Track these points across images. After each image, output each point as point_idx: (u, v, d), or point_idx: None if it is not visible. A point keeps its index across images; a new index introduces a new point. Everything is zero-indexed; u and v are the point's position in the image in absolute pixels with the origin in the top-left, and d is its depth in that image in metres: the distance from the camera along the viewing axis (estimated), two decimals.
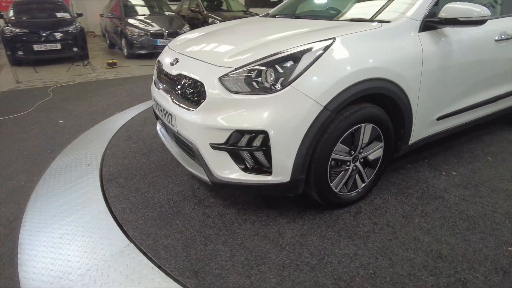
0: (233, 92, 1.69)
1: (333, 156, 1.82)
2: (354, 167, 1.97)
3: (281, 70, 1.64)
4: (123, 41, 7.79)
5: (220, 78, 1.72)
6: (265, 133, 1.63)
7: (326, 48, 1.69)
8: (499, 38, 2.35)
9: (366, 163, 2.03)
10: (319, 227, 1.88)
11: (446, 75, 2.12)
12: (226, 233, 1.84)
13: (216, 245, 1.75)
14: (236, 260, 1.65)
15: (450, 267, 1.60)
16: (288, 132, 1.64)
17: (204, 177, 1.89)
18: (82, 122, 3.61)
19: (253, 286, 1.50)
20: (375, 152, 2.02)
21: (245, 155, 1.74)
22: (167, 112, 2.05)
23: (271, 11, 3.22)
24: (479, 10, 1.88)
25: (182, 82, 1.96)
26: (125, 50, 7.76)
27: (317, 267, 1.60)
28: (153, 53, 7.56)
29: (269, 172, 1.73)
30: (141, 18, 7.89)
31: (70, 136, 3.23)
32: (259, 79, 1.66)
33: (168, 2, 9.80)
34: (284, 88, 1.62)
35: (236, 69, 1.70)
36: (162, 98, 2.14)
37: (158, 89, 2.28)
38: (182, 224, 1.92)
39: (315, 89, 1.64)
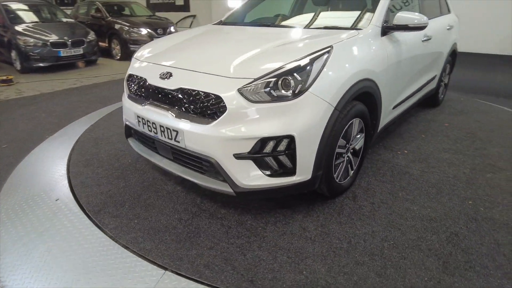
0: (253, 102, 1.75)
1: (337, 150, 2.05)
2: (348, 157, 2.24)
3: (299, 78, 1.77)
4: (13, 53, 6.62)
5: (239, 90, 1.76)
6: (290, 137, 1.75)
7: (329, 55, 1.89)
8: (424, 39, 2.94)
9: (354, 152, 2.33)
10: (332, 216, 2.08)
11: (398, 69, 2.57)
12: (256, 238, 1.89)
13: (254, 252, 1.79)
14: (280, 261, 1.73)
15: (441, 225, 1.99)
16: (310, 134, 1.80)
17: (225, 188, 1.89)
18: (8, 153, 3.04)
19: (309, 279, 1.61)
20: (359, 142, 2.33)
21: (270, 160, 1.82)
22: (167, 128, 1.96)
23: (224, 18, 3.28)
24: (422, 18, 2.34)
25: (186, 96, 1.91)
26: (18, 63, 6.62)
27: (350, 249, 1.81)
28: (56, 66, 6.67)
29: (292, 173, 1.85)
30: (33, 25, 6.83)
31: (7, 169, 2.71)
32: (279, 87, 1.76)
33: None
34: (303, 94, 1.76)
35: (255, 79, 1.76)
36: (156, 114, 2.04)
37: (143, 105, 2.14)
38: (208, 239, 1.89)
39: (327, 92, 1.83)
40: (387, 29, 2.40)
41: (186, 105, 1.92)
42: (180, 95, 1.94)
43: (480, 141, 3.13)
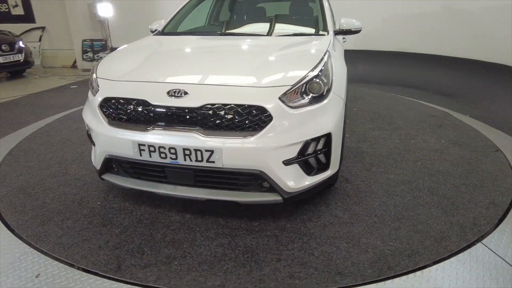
0: (293, 108, 1.81)
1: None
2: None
3: (325, 80, 1.93)
4: None
5: (280, 98, 1.78)
6: (328, 135, 1.90)
7: (330, 57, 2.12)
8: (344, 40, 3.54)
9: None
10: (345, 199, 2.34)
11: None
12: (307, 237, 1.96)
13: (317, 249, 1.86)
14: (344, 248, 1.87)
15: (418, 184, 2.54)
16: (339, 129, 2.00)
17: (271, 198, 1.89)
18: None
19: (377, 254, 1.82)
20: None
21: (312, 160, 1.92)
22: (196, 150, 1.78)
23: (161, 28, 3.03)
24: (359, 23, 2.85)
25: (215, 112, 1.78)
26: None
27: (381, 219, 2.11)
28: None
29: (326, 168, 2.01)
30: None
31: None
32: (310, 91, 1.87)
33: None
34: (329, 94, 1.94)
35: (292, 86, 1.82)
36: (173, 137, 1.82)
37: (147, 130, 1.85)
38: (270, 254, 1.83)
39: (340, 89, 2.07)
40: (336, 33, 2.81)
41: (218, 122, 1.79)
42: (206, 112, 1.79)
43: (388, 118, 4.01)
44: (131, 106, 1.92)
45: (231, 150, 1.76)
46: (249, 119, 1.78)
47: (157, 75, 2.00)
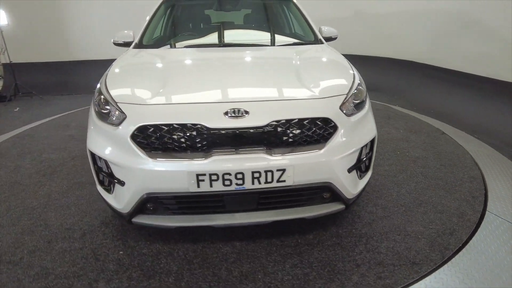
0: (349, 116, 1.86)
1: None
2: None
3: (363, 87, 2.03)
4: None
5: (340, 107, 1.80)
6: (373, 139, 2.01)
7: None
8: None
9: None
10: (370, 198, 2.52)
11: None
12: (366, 238, 2.04)
13: (388, 244, 1.96)
14: (412, 238, 2.02)
15: (411, 173, 2.90)
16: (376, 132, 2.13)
17: (334, 208, 1.91)
18: None
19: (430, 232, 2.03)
20: None
21: (363, 164, 2.00)
22: (266, 171, 1.68)
23: (140, 39, 2.67)
24: (335, 31, 3.06)
25: (280, 129, 1.70)
26: None
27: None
28: None
29: (367, 170, 2.12)
30: None
31: None
32: (356, 98, 1.95)
33: None
34: (366, 100, 2.05)
35: (347, 94, 1.86)
36: (239, 161, 1.66)
37: (206, 158, 1.65)
38: (349, 264, 1.85)
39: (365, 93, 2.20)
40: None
41: (285, 138, 1.71)
42: (272, 130, 1.69)
43: None
44: (180, 133, 1.66)
45: (302, 167, 1.71)
46: (315, 131, 1.75)
47: (201, 95, 1.79)
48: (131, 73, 2.13)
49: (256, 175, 1.67)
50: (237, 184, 1.68)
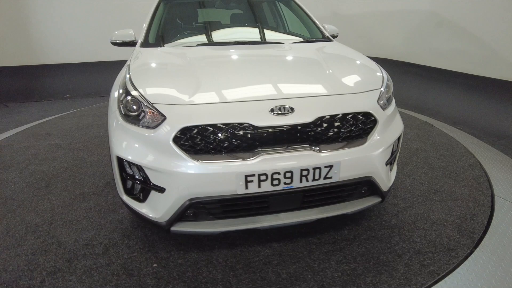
0: (384, 110, 1.89)
1: None
2: None
3: (390, 83, 2.07)
4: None
5: (377, 101, 1.82)
6: (401, 132, 2.06)
7: None
8: None
9: None
10: None
11: None
12: (400, 231, 2.09)
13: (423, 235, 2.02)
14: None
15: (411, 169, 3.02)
16: None
17: (372, 202, 1.92)
18: None
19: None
20: None
21: (393, 156, 2.04)
22: (315, 169, 1.65)
23: (145, 38, 2.52)
24: (336, 29, 3.11)
25: (325, 125, 1.68)
26: None
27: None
28: None
29: (393, 163, 2.17)
30: None
31: None
32: (388, 93, 1.98)
33: None
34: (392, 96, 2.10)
35: (382, 89, 1.89)
36: (288, 160, 1.63)
37: (254, 158, 1.59)
38: (397, 250, 1.87)
39: None
40: None
41: (330, 134, 1.70)
42: (318, 126, 1.67)
43: None
44: (225, 133, 1.58)
45: (348, 161, 1.70)
46: (357, 126, 1.76)
47: (242, 93, 1.72)
48: (158, 73, 2.00)
49: (305, 173, 1.64)
50: (285, 183, 1.64)
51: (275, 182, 1.62)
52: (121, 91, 1.83)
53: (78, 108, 5.16)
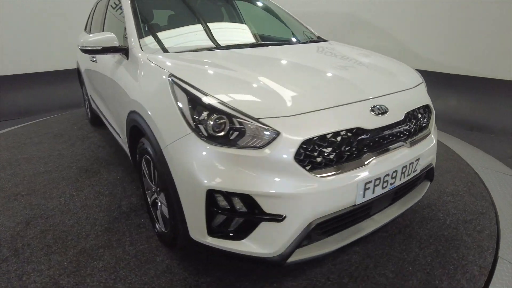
0: None
1: None
2: None
3: None
4: None
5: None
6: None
7: None
8: None
9: None
10: None
11: None
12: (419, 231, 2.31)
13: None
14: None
15: None
16: None
17: (427, 186, 2.03)
18: None
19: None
20: None
21: None
22: (410, 164, 1.70)
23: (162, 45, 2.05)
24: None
25: (409, 119, 1.74)
26: None
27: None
28: None
29: None
30: None
31: None
32: None
33: None
34: None
35: (424, 82, 2.04)
36: (392, 160, 1.61)
37: (367, 162, 1.52)
38: (443, 246, 2.05)
39: None
40: None
41: (413, 128, 1.76)
42: (406, 122, 1.71)
43: None
44: (339, 141, 1.45)
45: (426, 152, 1.79)
46: (424, 117, 1.86)
47: (333, 97, 1.57)
48: (228, 83, 1.63)
49: (404, 169, 1.65)
50: (391, 183, 1.62)
51: (385, 184, 1.58)
52: (195, 111, 1.44)
53: None
